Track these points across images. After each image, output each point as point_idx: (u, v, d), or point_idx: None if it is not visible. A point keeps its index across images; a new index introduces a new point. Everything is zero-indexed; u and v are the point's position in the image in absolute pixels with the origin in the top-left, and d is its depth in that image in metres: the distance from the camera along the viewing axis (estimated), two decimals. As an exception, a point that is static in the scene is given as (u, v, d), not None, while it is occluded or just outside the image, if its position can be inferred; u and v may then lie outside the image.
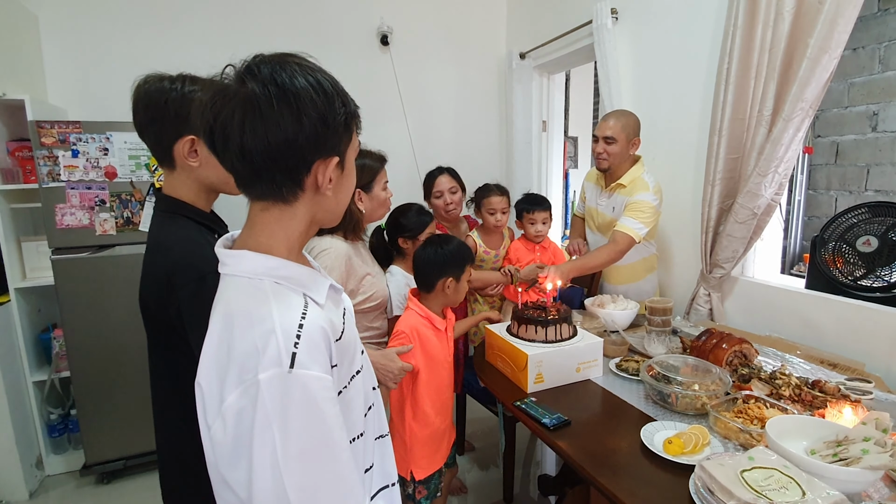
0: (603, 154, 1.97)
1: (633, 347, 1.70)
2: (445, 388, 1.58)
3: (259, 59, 0.61)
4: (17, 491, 2.15)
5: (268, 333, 0.56)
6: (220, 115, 0.59)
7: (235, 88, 0.59)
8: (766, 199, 1.75)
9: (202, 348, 0.61)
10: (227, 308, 0.61)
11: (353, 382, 0.70)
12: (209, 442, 0.58)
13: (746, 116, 1.77)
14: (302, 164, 0.62)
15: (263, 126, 0.58)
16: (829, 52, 1.50)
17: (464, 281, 1.54)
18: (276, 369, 0.54)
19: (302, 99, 0.59)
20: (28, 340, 2.25)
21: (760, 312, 1.88)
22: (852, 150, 3.05)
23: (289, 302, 0.61)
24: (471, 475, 2.32)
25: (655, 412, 1.30)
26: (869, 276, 1.65)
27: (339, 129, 0.63)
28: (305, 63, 0.62)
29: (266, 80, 0.58)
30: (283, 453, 0.53)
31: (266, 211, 0.65)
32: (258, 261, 0.63)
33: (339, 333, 0.66)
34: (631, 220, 1.90)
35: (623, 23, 2.40)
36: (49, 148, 2.08)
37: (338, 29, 3.04)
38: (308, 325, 0.59)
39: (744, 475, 0.90)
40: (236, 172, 0.63)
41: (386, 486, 0.83)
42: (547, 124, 3.40)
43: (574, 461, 1.12)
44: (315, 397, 0.56)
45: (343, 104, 0.64)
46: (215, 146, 0.61)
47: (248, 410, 0.54)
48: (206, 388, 0.59)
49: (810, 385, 1.28)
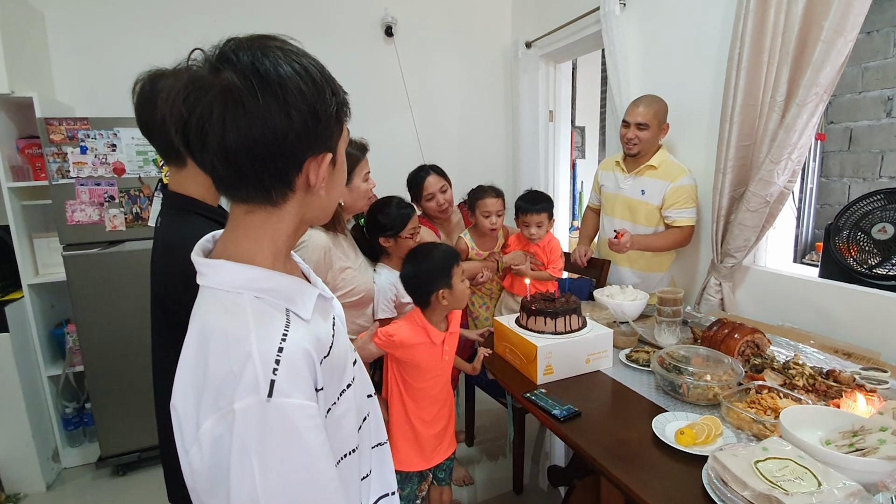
0: (634, 139, 2.02)
1: (644, 338, 1.69)
2: (434, 401, 1.52)
3: (235, 43, 0.53)
4: (34, 484, 2.19)
5: (245, 358, 0.51)
6: (195, 109, 0.51)
7: (210, 79, 0.51)
8: (779, 187, 1.72)
9: (178, 367, 0.56)
10: (203, 325, 0.56)
11: (343, 397, 0.65)
12: (187, 468, 0.53)
13: (759, 102, 1.74)
14: (292, 163, 0.55)
15: (248, 122, 0.51)
16: (844, 34, 1.46)
17: (457, 284, 1.44)
18: (254, 397, 0.49)
19: (290, 90, 0.52)
20: (42, 336, 2.28)
21: (773, 302, 1.86)
22: (866, 136, 2.98)
23: (269, 321, 0.55)
24: (480, 467, 2.33)
25: (666, 403, 1.29)
26: (884, 263, 1.62)
27: (330, 123, 0.57)
28: (289, 47, 0.55)
29: (247, 69, 0.51)
30: (263, 486, 0.49)
31: (251, 214, 0.58)
32: (237, 272, 0.57)
33: (328, 349, 0.61)
34: (686, 211, 2.00)
35: (631, 9, 2.36)
36: (58, 145, 2.09)
37: (342, 21, 3.02)
38: (289, 348, 0.53)
39: (758, 466, 0.89)
40: (217, 175, 0.55)
41: (385, 494, 0.81)
42: (554, 114, 3.36)
43: (585, 452, 1.11)
44: (296, 427, 0.51)
45: (333, 93, 0.57)
46: (190, 146, 0.54)
47: (225, 438, 0.49)
48: (182, 412, 0.54)
49: (824, 375, 1.26)
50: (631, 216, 2.12)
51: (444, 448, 1.58)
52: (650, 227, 2.07)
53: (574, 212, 4.37)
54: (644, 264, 2.15)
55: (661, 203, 2.02)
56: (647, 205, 2.06)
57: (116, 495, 2.21)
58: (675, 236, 2.03)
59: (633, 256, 2.13)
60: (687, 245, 2.07)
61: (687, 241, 2.05)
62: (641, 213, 2.08)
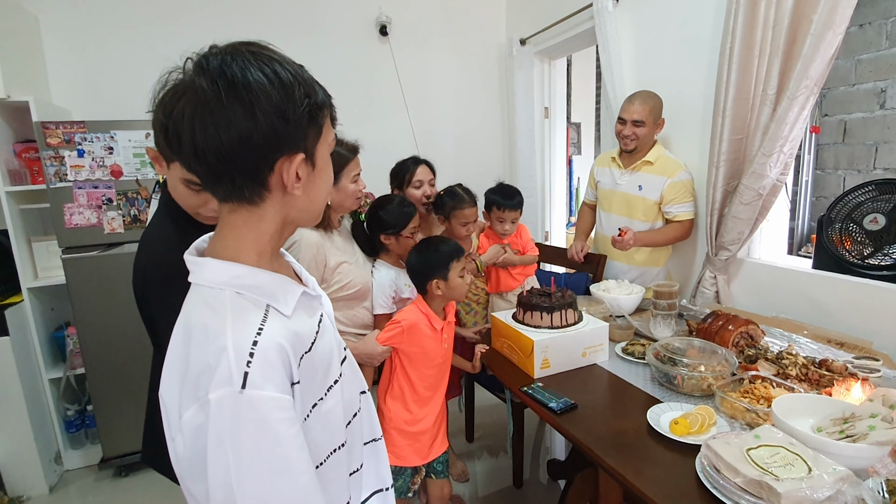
0: (631, 136, 2.03)
1: (639, 331, 1.71)
2: (430, 387, 1.55)
3: (212, 50, 0.57)
4: (37, 486, 2.21)
5: (220, 350, 0.53)
6: (172, 112, 0.55)
7: (186, 83, 0.55)
8: (772, 180, 1.74)
9: (166, 359, 0.60)
10: (187, 320, 0.59)
11: (330, 393, 0.66)
12: (173, 454, 0.56)
13: (750, 96, 1.75)
14: (262, 162, 0.57)
15: (214, 124, 0.54)
16: (833, 27, 1.48)
17: (454, 278, 1.51)
18: (228, 388, 0.52)
19: (254, 92, 0.54)
20: (42, 339, 2.29)
21: (767, 294, 1.87)
22: (860, 129, 3.00)
23: (245, 316, 0.57)
24: (480, 462, 2.35)
25: (662, 394, 1.31)
26: (877, 254, 1.63)
27: (301, 123, 0.58)
28: (263, 52, 0.58)
29: (215, 74, 0.54)
30: (237, 474, 0.51)
31: (234, 213, 0.61)
32: (221, 269, 0.60)
33: (309, 345, 0.63)
34: (685, 206, 2.02)
35: (624, 4, 2.37)
36: (55, 148, 2.10)
37: (336, 21, 3.02)
38: (263, 341, 0.55)
39: (750, 453, 0.90)
40: (195, 173, 0.59)
41: (380, 489, 0.82)
42: (549, 111, 3.37)
43: (581, 443, 1.13)
44: (268, 419, 0.53)
45: (306, 94, 0.58)
46: (170, 145, 0.57)
47: (204, 427, 0.52)
48: (168, 401, 0.58)
49: (817, 364, 1.27)
50: (628, 212, 2.13)
51: (438, 444, 1.61)
52: (647, 223, 2.09)
53: (570, 208, 4.39)
54: (641, 259, 2.17)
55: (660, 199, 2.04)
56: (644, 200, 2.07)
57: (119, 496, 2.22)
58: (676, 231, 2.05)
59: (631, 251, 2.14)
60: (687, 239, 2.09)
61: (687, 234, 2.07)
62: (639, 209, 2.09)
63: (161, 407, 0.59)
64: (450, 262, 1.51)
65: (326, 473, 0.65)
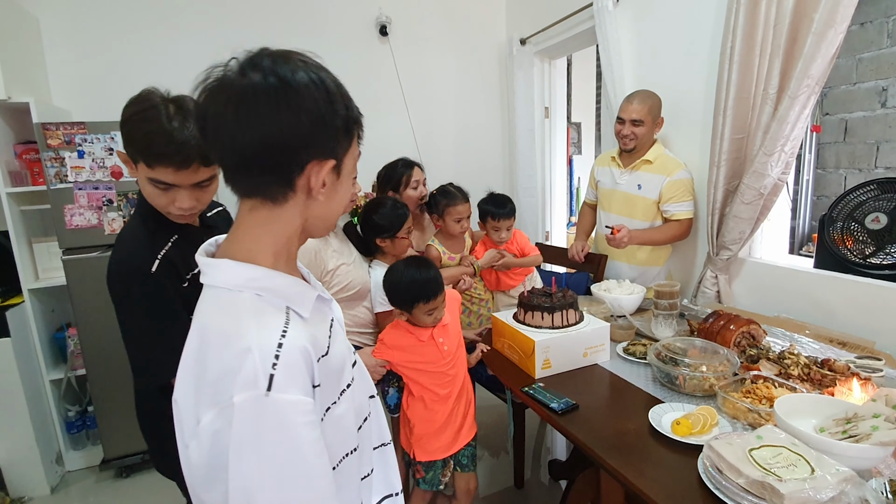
0: (630, 135, 2.03)
1: (641, 331, 1.70)
2: (445, 385, 1.54)
3: (264, 51, 0.59)
4: (38, 487, 2.21)
5: (244, 353, 0.53)
6: (214, 102, 0.57)
7: (233, 78, 0.57)
8: (773, 179, 1.73)
9: (180, 363, 0.59)
10: (203, 323, 0.58)
11: (342, 397, 0.66)
12: (186, 461, 0.56)
13: (751, 95, 1.75)
14: (295, 161, 0.58)
15: (258, 118, 0.55)
16: (834, 26, 1.47)
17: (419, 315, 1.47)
18: (253, 392, 0.51)
19: (302, 94, 0.56)
20: (43, 340, 2.29)
21: (768, 293, 1.87)
22: (861, 128, 3.00)
23: (269, 318, 0.57)
24: (481, 462, 2.34)
25: (663, 394, 1.30)
26: (878, 253, 1.63)
27: (337, 132, 0.60)
28: (311, 61, 0.60)
29: (267, 72, 0.56)
30: (259, 476, 0.51)
31: (254, 211, 0.61)
32: (238, 271, 0.59)
33: (325, 349, 0.63)
34: (683, 205, 2.01)
35: (624, 4, 2.37)
36: (55, 149, 2.10)
37: (336, 21, 3.02)
38: (288, 344, 0.55)
39: (752, 453, 0.90)
40: (224, 165, 0.60)
41: (389, 495, 0.82)
42: (549, 111, 3.37)
43: (582, 444, 1.13)
44: (292, 422, 0.53)
45: (346, 107, 0.61)
46: (206, 135, 0.58)
47: (223, 433, 0.51)
48: (183, 407, 0.56)
49: (819, 364, 1.27)
50: (628, 211, 2.12)
51: (465, 433, 1.59)
52: (647, 222, 2.09)
53: (571, 208, 4.38)
54: (641, 258, 2.16)
55: (658, 197, 2.03)
56: (644, 199, 2.07)
57: (120, 497, 2.22)
58: (674, 230, 2.04)
59: (631, 251, 2.14)
60: (686, 238, 2.09)
61: (686, 234, 2.06)
62: (639, 208, 2.09)
63: (174, 412, 0.58)
64: (416, 302, 1.46)
65: (339, 478, 0.65)
